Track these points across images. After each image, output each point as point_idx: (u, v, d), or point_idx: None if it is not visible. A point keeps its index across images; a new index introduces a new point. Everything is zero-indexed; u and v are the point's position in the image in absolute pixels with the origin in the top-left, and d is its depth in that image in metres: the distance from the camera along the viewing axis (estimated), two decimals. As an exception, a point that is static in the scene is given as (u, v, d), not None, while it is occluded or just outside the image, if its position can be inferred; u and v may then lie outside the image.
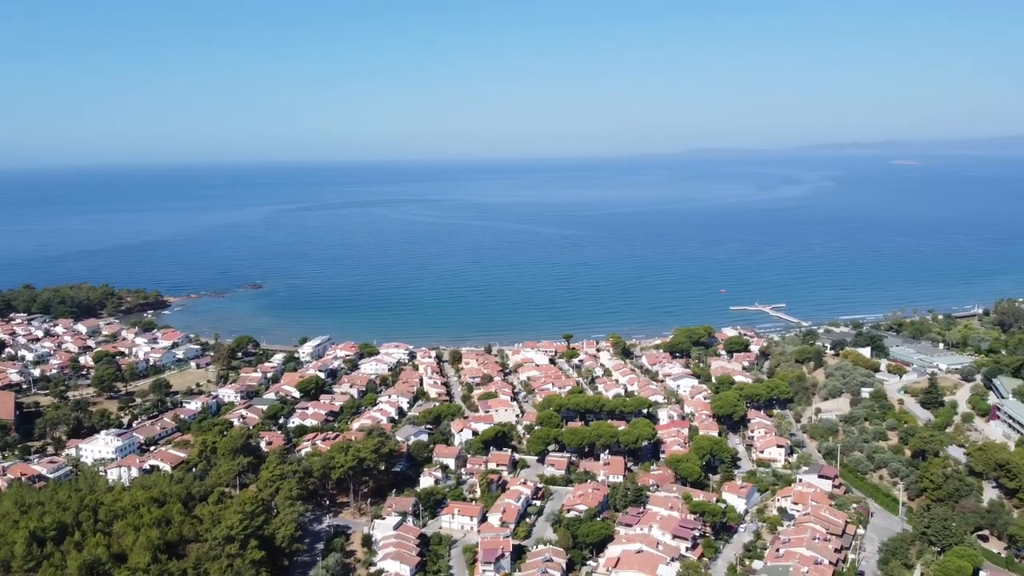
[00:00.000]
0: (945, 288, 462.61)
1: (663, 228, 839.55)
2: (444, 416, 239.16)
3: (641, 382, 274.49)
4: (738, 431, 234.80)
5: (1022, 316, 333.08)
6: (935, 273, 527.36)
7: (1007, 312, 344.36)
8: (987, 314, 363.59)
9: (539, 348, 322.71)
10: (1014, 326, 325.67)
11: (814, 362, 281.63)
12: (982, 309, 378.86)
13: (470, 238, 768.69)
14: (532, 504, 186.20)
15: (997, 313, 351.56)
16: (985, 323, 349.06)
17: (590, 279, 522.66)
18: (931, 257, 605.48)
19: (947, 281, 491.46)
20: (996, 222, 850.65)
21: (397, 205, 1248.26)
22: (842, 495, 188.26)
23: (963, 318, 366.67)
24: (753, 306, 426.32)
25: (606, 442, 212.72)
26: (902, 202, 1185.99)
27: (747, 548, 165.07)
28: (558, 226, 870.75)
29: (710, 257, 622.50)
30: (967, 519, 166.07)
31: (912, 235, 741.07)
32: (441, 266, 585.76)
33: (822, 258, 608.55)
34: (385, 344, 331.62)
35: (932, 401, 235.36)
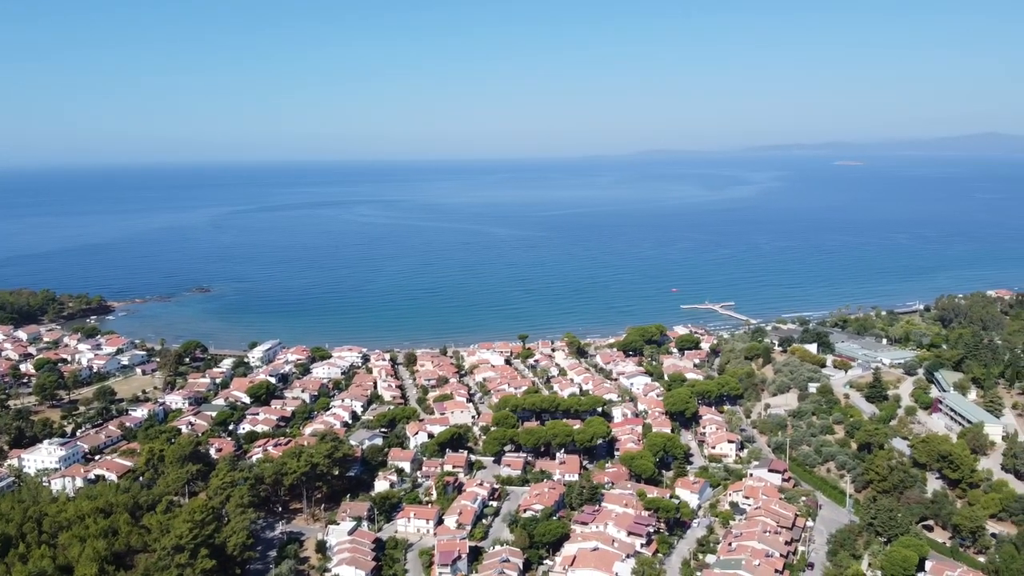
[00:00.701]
0: (888, 285, 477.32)
1: (616, 228, 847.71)
2: (399, 419, 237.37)
3: (596, 381, 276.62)
4: (690, 427, 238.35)
5: (961, 312, 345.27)
6: (878, 271, 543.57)
7: (947, 308, 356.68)
8: (928, 310, 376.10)
9: (495, 349, 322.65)
10: (954, 321, 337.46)
11: (763, 359, 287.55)
12: (923, 305, 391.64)
13: (424, 239, 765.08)
14: (489, 505, 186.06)
15: (938, 309, 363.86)
16: (926, 319, 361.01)
17: (545, 279, 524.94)
18: (874, 255, 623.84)
19: (890, 278, 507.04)
20: (935, 221, 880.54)
21: (350, 206, 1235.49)
22: (791, 488, 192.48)
23: (905, 314, 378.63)
24: (703, 304, 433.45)
25: (562, 441, 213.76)
26: (846, 202, 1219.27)
27: (700, 543, 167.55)
28: (512, 227, 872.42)
29: (662, 257, 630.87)
30: (912, 510, 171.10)
31: (856, 234, 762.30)
32: (395, 268, 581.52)
33: (770, 257, 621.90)
34: (338, 347, 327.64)
35: (876, 395, 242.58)
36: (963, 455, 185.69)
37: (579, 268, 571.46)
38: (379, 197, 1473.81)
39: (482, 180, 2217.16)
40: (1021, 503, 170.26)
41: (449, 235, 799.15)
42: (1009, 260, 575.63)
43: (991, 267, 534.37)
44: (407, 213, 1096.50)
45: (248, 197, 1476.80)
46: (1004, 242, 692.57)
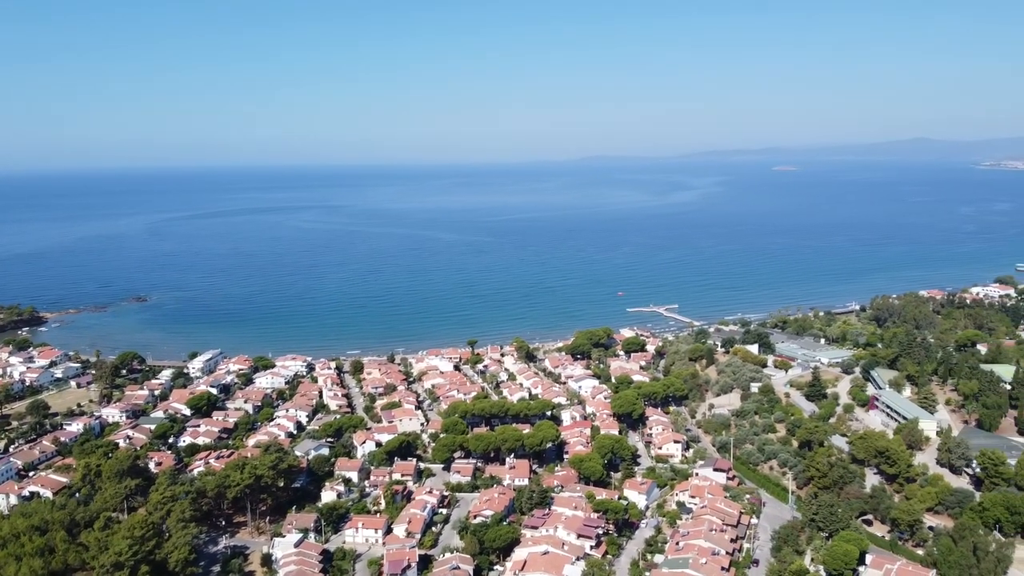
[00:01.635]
0: (825, 287, 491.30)
1: (563, 233, 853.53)
2: (346, 428, 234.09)
3: (545, 385, 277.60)
4: (637, 429, 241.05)
5: (895, 311, 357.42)
6: (816, 273, 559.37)
7: (882, 308, 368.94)
8: (864, 310, 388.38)
9: (443, 355, 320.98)
10: (888, 321, 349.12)
11: (706, 360, 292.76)
12: (859, 306, 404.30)
13: (370, 245, 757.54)
14: (438, 513, 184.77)
15: (873, 309, 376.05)
16: (862, 319, 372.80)
17: (493, 284, 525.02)
18: (812, 258, 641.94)
19: (827, 280, 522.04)
20: (869, 224, 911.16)
21: (293, 212, 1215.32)
22: (736, 487, 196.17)
23: (842, 314, 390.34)
24: (648, 307, 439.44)
25: (511, 446, 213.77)
26: (784, 206, 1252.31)
27: (648, 543, 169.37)
28: (460, 232, 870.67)
29: (608, 261, 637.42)
30: (852, 505, 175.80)
31: (793, 237, 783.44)
32: (340, 274, 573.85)
33: (712, 260, 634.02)
34: (281, 356, 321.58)
35: (816, 394, 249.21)
36: (899, 451, 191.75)
37: (527, 273, 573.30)
38: (324, 202, 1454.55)
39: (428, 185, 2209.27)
40: (956, 496, 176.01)
41: (396, 241, 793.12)
42: (940, 261, 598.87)
43: (923, 268, 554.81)
44: (353, 218, 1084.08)
45: (188, 203, 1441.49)
46: (935, 244, 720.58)
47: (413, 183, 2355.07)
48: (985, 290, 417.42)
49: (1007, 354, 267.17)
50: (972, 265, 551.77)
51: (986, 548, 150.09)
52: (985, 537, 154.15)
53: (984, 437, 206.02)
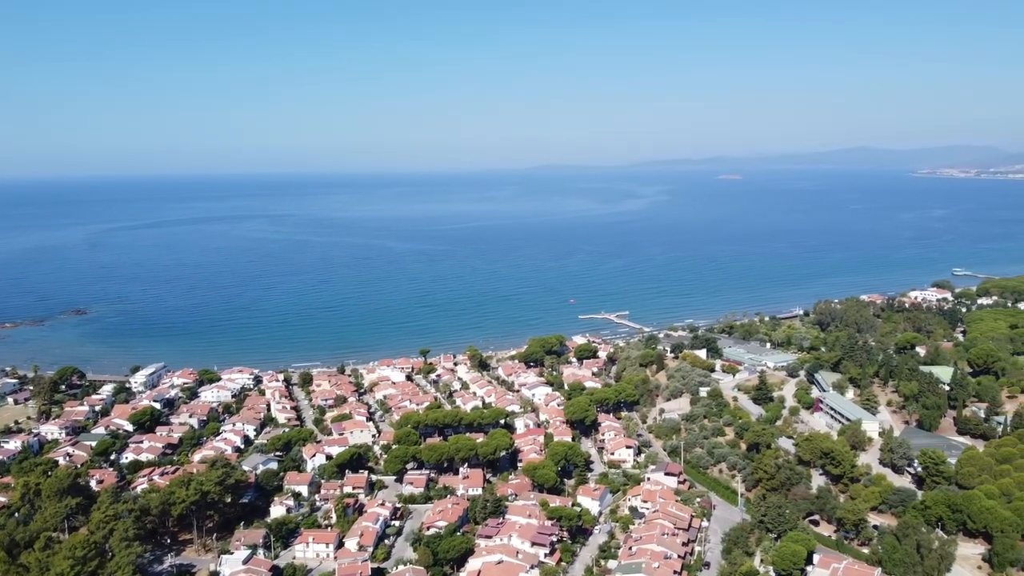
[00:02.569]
0: (770, 292, 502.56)
1: (516, 241, 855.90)
2: (295, 441, 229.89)
3: (498, 393, 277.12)
4: (590, 435, 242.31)
5: (838, 316, 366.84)
6: (761, 279, 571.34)
7: (824, 312, 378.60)
8: (807, 315, 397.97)
9: (395, 365, 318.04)
10: (831, 325, 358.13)
11: (656, 365, 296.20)
12: (803, 310, 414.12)
13: (319, 254, 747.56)
14: (391, 525, 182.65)
15: (816, 314, 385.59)
16: (806, 323, 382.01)
17: (446, 293, 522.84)
18: (757, 264, 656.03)
19: (772, 286, 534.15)
20: (812, 231, 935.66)
21: (239, 221, 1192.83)
22: (687, 490, 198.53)
23: (786, 319, 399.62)
24: (600, 314, 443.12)
25: (465, 455, 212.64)
26: (729, 214, 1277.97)
27: (602, 549, 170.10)
28: (412, 241, 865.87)
29: (560, 268, 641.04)
30: (799, 505, 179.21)
31: (739, 244, 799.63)
32: (288, 285, 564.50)
33: (661, 267, 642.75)
34: (227, 369, 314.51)
35: (762, 397, 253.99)
36: (844, 451, 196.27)
37: (480, 281, 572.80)
38: (271, 211, 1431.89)
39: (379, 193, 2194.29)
40: (899, 496, 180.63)
41: (346, 250, 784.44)
42: (880, 266, 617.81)
43: (864, 273, 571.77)
44: (301, 228, 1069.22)
45: (131, 213, 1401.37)
46: (875, 250, 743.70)
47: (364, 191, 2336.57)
48: (923, 294, 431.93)
49: (945, 356, 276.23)
50: (910, 270, 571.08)
51: (929, 546, 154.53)
52: (928, 535, 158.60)
53: (924, 437, 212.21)
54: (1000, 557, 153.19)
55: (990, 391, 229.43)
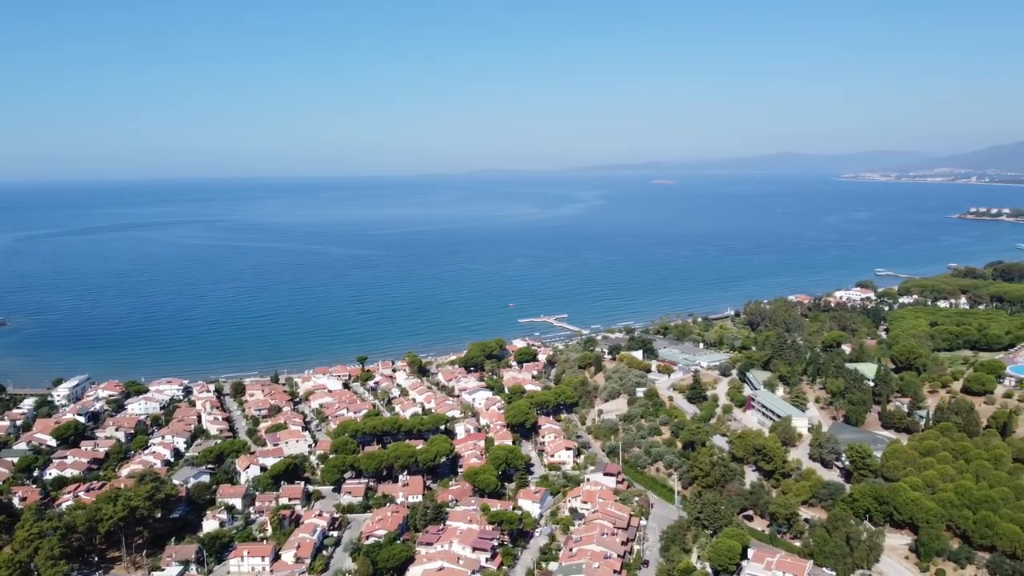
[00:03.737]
0: (703, 294, 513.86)
1: (455, 246, 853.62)
2: (227, 453, 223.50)
3: (438, 399, 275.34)
4: (531, 438, 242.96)
5: (767, 316, 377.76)
6: (694, 281, 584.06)
7: (754, 313, 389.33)
8: (738, 315, 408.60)
9: (331, 373, 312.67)
10: (761, 325, 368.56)
11: (594, 367, 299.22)
12: (734, 311, 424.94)
13: (253, 261, 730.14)
14: (329, 536, 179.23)
15: (746, 314, 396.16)
16: (737, 323, 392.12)
17: (385, 299, 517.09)
18: (690, 266, 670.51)
19: (704, 287, 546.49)
20: (741, 234, 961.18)
21: (168, 227, 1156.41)
22: (625, 490, 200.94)
23: (718, 320, 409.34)
24: (539, 318, 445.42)
25: (404, 463, 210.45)
26: (664, 218, 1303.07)
27: (543, 551, 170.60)
28: (349, 246, 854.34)
29: (500, 273, 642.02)
30: (733, 502, 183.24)
31: (673, 247, 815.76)
32: (220, 292, 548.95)
33: (598, 271, 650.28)
34: (156, 380, 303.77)
35: (697, 396, 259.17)
36: (775, 448, 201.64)
37: (419, 286, 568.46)
38: (201, 217, 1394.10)
39: (315, 198, 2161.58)
40: (828, 489, 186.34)
41: (281, 256, 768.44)
42: (806, 268, 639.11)
43: (791, 275, 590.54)
44: (233, 233, 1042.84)
45: (53, 219, 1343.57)
46: (802, 252, 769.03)
47: (300, 196, 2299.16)
48: (848, 294, 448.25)
49: (869, 353, 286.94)
50: (835, 271, 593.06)
51: (858, 537, 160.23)
52: (856, 527, 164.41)
53: (851, 432, 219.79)
54: (926, 547, 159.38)
55: (912, 386, 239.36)
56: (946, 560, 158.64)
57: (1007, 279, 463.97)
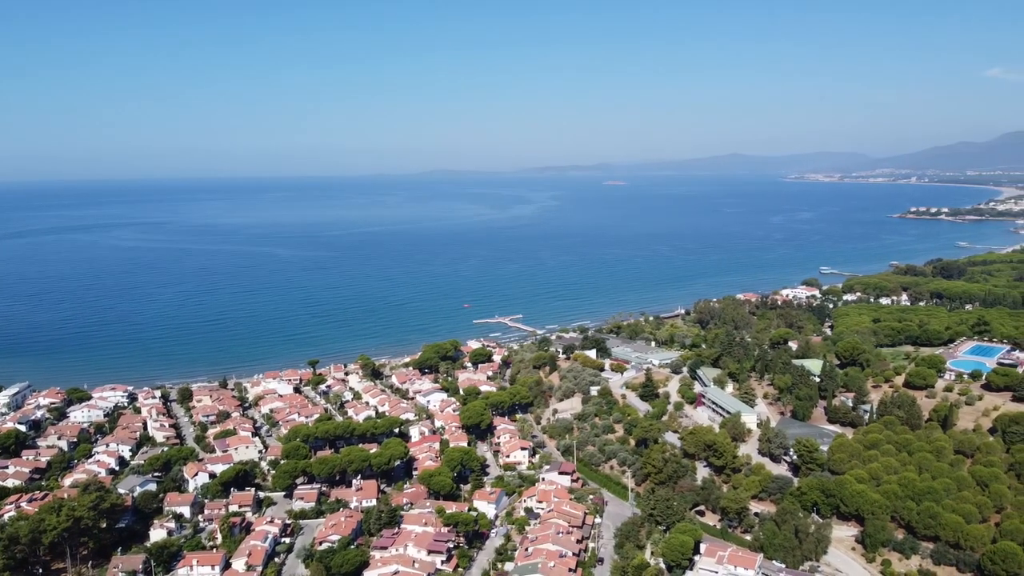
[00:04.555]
0: (654, 293, 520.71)
1: (408, 247, 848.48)
2: (174, 460, 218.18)
3: (392, 402, 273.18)
4: (486, 439, 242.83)
5: (716, 314, 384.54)
6: (645, 280, 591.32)
7: (704, 311, 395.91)
8: (688, 313, 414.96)
9: (282, 377, 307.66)
10: (710, 323, 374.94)
11: (549, 367, 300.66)
12: (684, 310, 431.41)
13: (199, 263, 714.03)
14: (281, 542, 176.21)
15: (696, 312, 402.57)
16: (687, 321, 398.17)
17: (336, 301, 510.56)
18: (641, 266, 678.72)
19: (655, 287, 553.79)
20: (690, 234, 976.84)
21: (110, 230, 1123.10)
22: (580, 488, 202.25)
23: (669, 318, 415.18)
24: (494, 318, 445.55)
25: (358, 467, 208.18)
26: (615, 218, 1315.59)
27: (498, 552, 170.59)
28: (300, 248, 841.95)
29: (454, 273, 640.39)
30: (685, 497, 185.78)
31: (624, 247, 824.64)
32: (165, 296, 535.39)
33: (552, 271, 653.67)
34: (99, 387, 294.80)
35: (649, 394, 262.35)
36: (725, 443, 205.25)
37: (372, 288, 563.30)
38: (143, 219, 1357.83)
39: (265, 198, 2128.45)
40: (777, 483, 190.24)
41: (228, 258, 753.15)
42: (754, 267, 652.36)
43: (739, 273, 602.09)
44: (178, 236, 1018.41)
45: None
46: (749, 251, 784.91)
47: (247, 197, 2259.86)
48: (794, 292, 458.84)
49: (815, 349, 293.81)
50: (782, 269, 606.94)
51: (806, 530, 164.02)
52: (805, 520, 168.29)
53: (798, 427, 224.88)
54: (872, 538, 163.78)
55: (857, 381, 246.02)
56: (891, 551, 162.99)
57: (946, 276, 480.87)
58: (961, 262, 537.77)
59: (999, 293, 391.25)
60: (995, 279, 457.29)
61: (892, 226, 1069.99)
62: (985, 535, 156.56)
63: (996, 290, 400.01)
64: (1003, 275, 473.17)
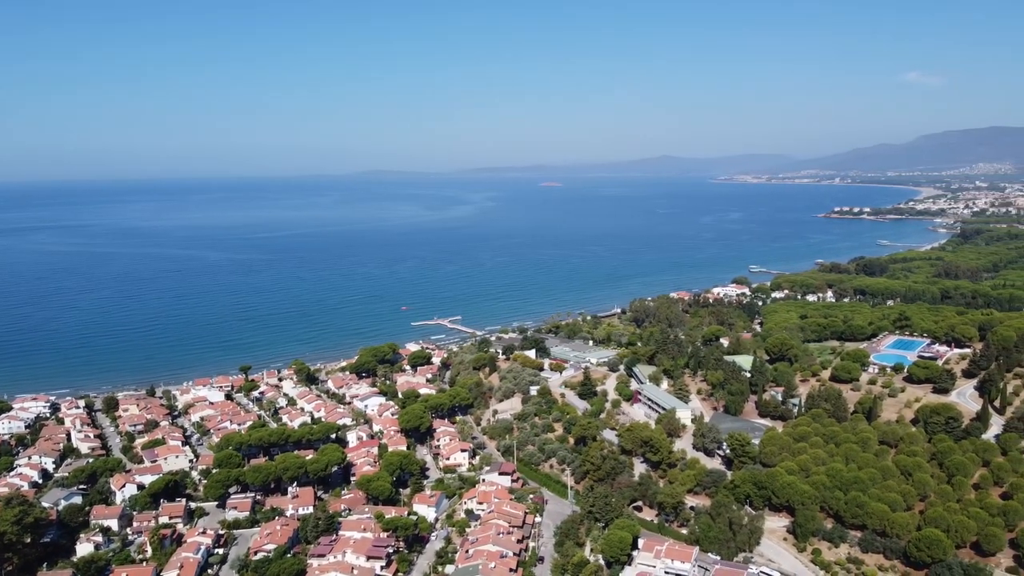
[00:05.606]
0: (591, 292, 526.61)
1: (343, 249, 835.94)
2: (101, 472, 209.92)
3: (328, 407, 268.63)
4: (425, 442, 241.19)
5: (651, 312, 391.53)
6: (583, 280, 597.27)
7: (639, 310, 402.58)
8: (624, 312, 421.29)
9: (213, 384, 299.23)
10: (646, 321, 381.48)
11: (489, 367, 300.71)
12: (620, 309, 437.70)
13: (124, 268, 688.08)
14: (214, 554, 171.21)
15: (632, 311, 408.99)
16: (624, 320, 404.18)
17: (269, 305, 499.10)
18: (579, 266, 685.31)
19: (593, 286, 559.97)
20: (625, 234, 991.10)
21: (23, 233, 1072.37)
22: (520, 488, 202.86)
23: (606, 317, 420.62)
24: (433, 320, 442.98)
25: (294, 474, 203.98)
26: (552, 219, 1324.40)
27: (439, 555, 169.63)
28: (230, 251, 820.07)
29: (391, 275, 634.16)
30: (623, 493, 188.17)
31: (562, 248, 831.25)
32: (88, 302, 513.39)
33: (492, 272, 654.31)
34: (19, 398, 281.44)
35: (587, 392, 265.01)
36: (661, 439, 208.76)
37: (306, 291, 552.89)
38: (62, 222, 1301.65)
39: (191, 200, 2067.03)
40: (711, 477, 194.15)
41: (155, 262, 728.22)
42: (687, 266, 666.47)
43: (673, 272, 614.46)
44: (100, 239, 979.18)
45: None
46: (682, 251, 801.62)
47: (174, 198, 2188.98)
48: (724, 290, 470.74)
49: (746, 345, 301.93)
50: (713, 268, 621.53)
51: (740, 522, 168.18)
52: (738, 512, 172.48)
53: (731, 421, 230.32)
54: (802, 528, 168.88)
55: (786, 376, 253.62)
56: (821, 540, 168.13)
57: (869, 273, 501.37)
58: (883, 260, 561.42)
59: (919, 289, 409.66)
60: (915, 276, 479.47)
61: (817, 225, 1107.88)
62: (910, 522, 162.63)
63: (916, 286, 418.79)
64: (922, 272, 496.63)
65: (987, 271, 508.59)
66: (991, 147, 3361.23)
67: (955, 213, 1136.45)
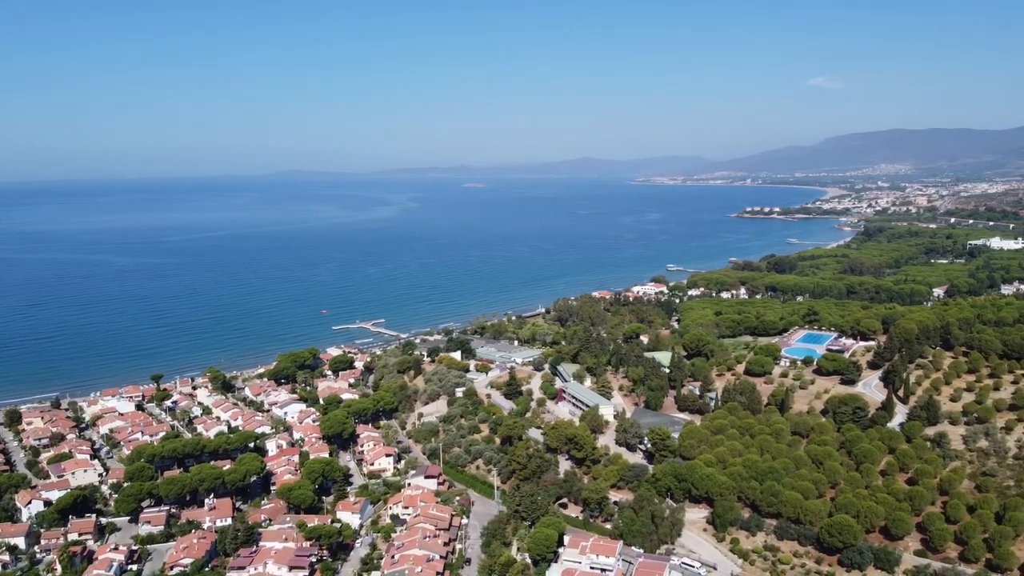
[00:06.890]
0: (516, 293, 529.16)
1: (260, 251, 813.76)
2: (5, 488, 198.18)
3: (246, 415, 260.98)
4: (349, 448, 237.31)
5: (575, 311, 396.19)
6: (508, 280, 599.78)
7: (563, 309, 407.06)
8: (549, 312, 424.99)
9: (123, 394, 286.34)
10: (569, 320, 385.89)
11: (414, 370, 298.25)
12: (544, 308, 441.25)
13: (24, 274, 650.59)
14: (128, 570, 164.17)
15: (556, 311, 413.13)
16: (548, 320, 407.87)
17: (181, 311, 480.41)
18: (503, 267, 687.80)
19: (517, 286, 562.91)
20: (548, 235, 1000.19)
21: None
22: (447, 491, 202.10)
23: (531, 317, 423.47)
24: (355, 324, 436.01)
25: (210, 485, 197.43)
26: (476, 220, 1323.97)
27: (364, 562, 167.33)
28: (139, 255, 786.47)
29: (310, 279, 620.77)
30: (549, 491, 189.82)
31: (486, 249, 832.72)
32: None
33: (415, 273, 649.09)
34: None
35: (513, 392, 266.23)
36: (585, 436, 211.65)
37: (221, 296, 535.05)
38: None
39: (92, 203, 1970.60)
40: (634, 471, 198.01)
41: (59, 268, 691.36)
42: (608, 265, 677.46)
43: (594, 272, 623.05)
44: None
45: None
46: (603, 251, 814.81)
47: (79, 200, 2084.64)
48: (644, 289, 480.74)
49: (664, 342, 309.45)
50: (633, 268, 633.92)
51: (661, 514, 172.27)
52: (660, 505, 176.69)
53: (652, 416, 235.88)
54: (721, 518, 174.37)
55: (703, 371, 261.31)
56: (739, 529, 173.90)
57: (779, 271, 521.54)
58: (792, 257, 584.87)
59: (826, 285, 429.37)
60: (822, 272, 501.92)
61: (730, 225, 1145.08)
62: (822, 509, 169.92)
63: (823, 283, 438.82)
64: (829, 268, 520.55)
65: (889, 267, 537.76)
66: (893, 149, 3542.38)
67: (859, 212, 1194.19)
